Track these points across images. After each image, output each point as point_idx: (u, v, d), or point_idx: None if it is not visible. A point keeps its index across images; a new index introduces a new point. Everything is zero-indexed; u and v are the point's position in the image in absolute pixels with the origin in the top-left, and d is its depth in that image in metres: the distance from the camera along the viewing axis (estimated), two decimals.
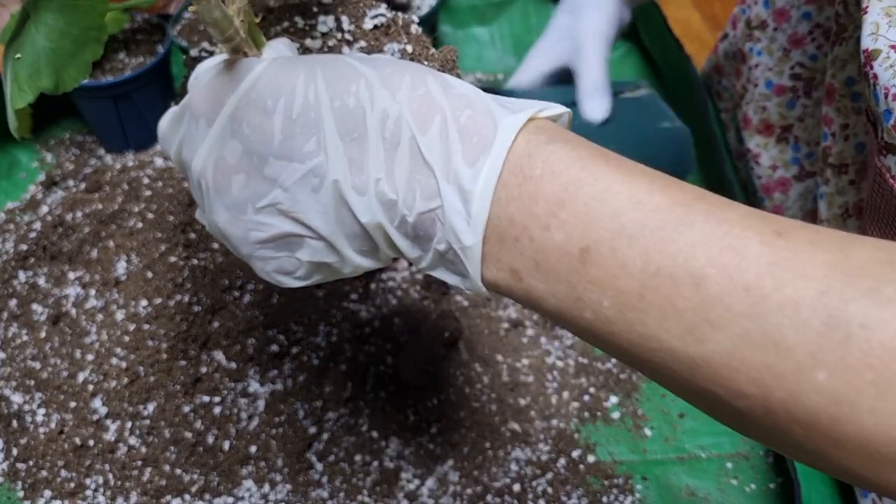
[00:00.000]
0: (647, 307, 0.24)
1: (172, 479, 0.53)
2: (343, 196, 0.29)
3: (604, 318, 0.25)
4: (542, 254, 0.26)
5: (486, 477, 0.54)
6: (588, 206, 0.25)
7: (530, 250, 0.26)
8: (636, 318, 0.24)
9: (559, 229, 0.26)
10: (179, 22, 0.83)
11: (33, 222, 0.66)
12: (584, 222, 0.25)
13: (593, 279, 0.25)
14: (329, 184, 0.29)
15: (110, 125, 0.79)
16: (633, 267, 0.24)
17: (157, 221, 0.60)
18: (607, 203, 0.25)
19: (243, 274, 0.60)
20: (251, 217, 0.31)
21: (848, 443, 0.22)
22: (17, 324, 0.61)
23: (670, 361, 0.24)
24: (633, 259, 0.24)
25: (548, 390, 0.60)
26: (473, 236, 0.27)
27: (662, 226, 0.24)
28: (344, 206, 0.29)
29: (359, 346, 0.60)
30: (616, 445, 0.57)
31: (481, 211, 0.27)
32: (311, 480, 0.54)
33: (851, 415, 0.21)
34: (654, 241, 0.24)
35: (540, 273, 0.26)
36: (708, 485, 0.55)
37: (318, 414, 0.56)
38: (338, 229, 0.30)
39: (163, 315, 0.56)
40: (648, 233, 0.24)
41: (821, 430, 0.22)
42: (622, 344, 0.25)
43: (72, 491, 0.53)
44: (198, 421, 0.54)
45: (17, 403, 0.57)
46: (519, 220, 0.26)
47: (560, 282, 0.26)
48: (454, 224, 0.27)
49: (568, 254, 0.26)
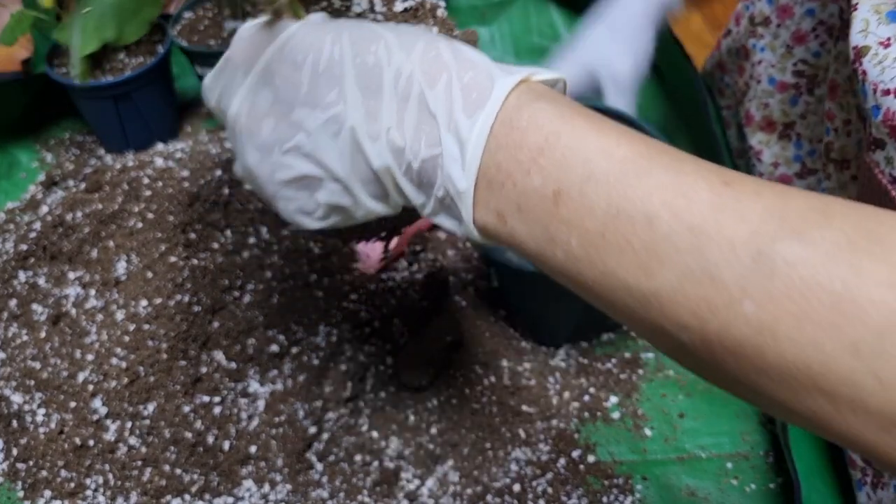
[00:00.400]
0: (607, 245, 0.27)
1: (172, 479, 0.53)
2: (358, 142, 0.32)
3: (572, 257, 0.28)
4: (523, 197, 0.29)
5: (486, 477, 0.54)
6: (563, 155, 0.28)
7: (513, 194, 0.29)
8: (598, 257, 0.27)
9: (538, 174, 0.28)
10: (179, 22, 0.83)
11: (33, 222, 0.66)
12: (558, 168, 0.28)
13: (563, 219, 0.28)
14: (347, 130, 0.32)
15: (110, 125, 0.79)
16: (598, 209, 0.27)
17: (157, 221, 0.60)
18: (580, 152, 0.28)
19: (243, 274, 0.60)
20: (277, 158, 0.35)
21: (771, 371, 0.24)
22: (17, 324, 0.61)
23: (626, 297, 0.27)
24: (597, 202, 0.27)
25: (549, 391, 0.60)
26: (467, 181, 0.30)
27: (626, 173, 0.27)
28: (359, 152, 0.32)
29: (359, 346, 0.61)
30: (616, 445, 0.57)
31: (474, 158, 0.30)
32: (311, 480, 0.54)
33: (773, 344, 0.23)
34: (618, 186, 0.27)
35: (521, 214, 0.29)
36: (708, 485, 0.55)
37: (318, 414, 0.56)
38: (352, 173, 0.33)
39: (163, 315, 0.56)
40: (613, 179, 0.27)
41: (748, 359, 0.24)
42: (588, 282, 0.28)
43: (72, 491, 0.53)
44: (198, 421, 0.54)
45: (18, 403, 0.57)
46: (505, 166, 0.29)
47: (537, 223, 0.29)
48: (451, 170, 0.30)
49: (544, 196, 0.28)
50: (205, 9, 0.83)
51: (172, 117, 0.85)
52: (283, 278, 0.61)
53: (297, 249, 0.64)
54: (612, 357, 0.63)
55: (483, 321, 0.63)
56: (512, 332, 0.64)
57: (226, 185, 0.62)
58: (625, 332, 0.64)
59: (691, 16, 1.03)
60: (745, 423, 0.58)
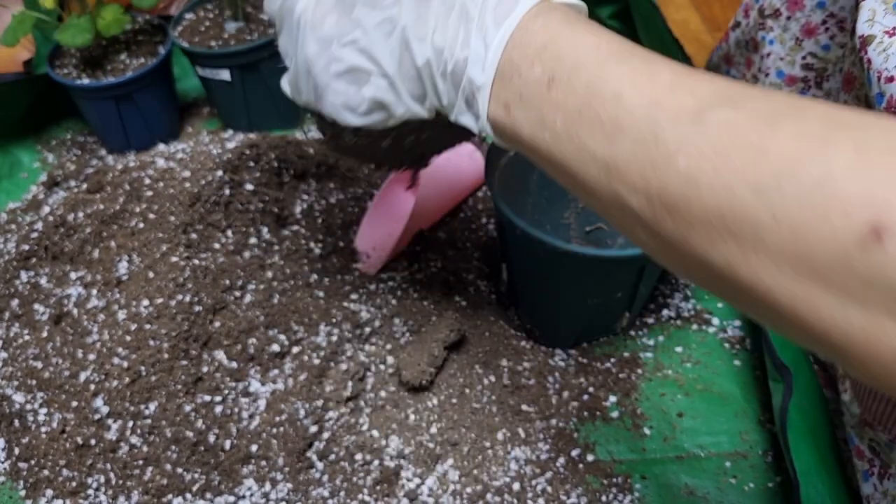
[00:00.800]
0: (582, 120, 0.31)
1: (174, 479, 0.53)
2: (407, 40, 0.38)
3: (556, 136, 0.32)
4: (525, 86, 0.33)
5: (485, 476, 0.55)
6: (561, 49, 0.33)
7: (518, 84, 0.34)
8: (574, 131, 0.31)
9: (539, 66, 0.33)
10: (180, 23, 0.83)
11: (35, 222, 0.66)
12: (555, 60, 0.33)
13: (553, 102, 0.32)
14: (399, 30, 0.38)
15: (112, 125, 0.80)
16: (579, 89, 0.31)
17: (159, 222, 0.61)
18: (575, 48, 0.32)
19: (244, 273, 0.61)
20: (335, 51, 0.40)
21: (696, 221, 0.27)
22: (18, 323, 0.61)
23: (593, 168, 0.31)
24: (579, 84, 0.31)
25: (548, 391, 0.60)
26: (486, 77, 0.35)
27: (608, 62, 0.31)
28: (406, 50, 0.38)
29: (359, 345, 0.61)
30: (615, 444, 0.57)
31: (494, 57, 0.34)
32: (312, 479, 0.54)
33: (697, 193, 0.26)
34: (597, 71, 0.31)
35: (521, 102, 0.34)
36: (707, 484, 0.55)
37: (318, 413, 0.56)
38: (399, 69, 0.38)
39: (164, 315, 0.56)
40: (594, 66, 0.31)
41: (680, 213, 0.27)
42: (566, 159, 0.32)
43: (73, 490, 0.53)
44: (199, 420, 0.55)
45: (19, 403, 0.57)
46: (515, 61, 0.34)
47: (532, 108, 0.33)
48: (475, 68, 0.35)
49: (540, 83, 0.33)
50: (206, 10, 0.84)
51: (173, 118, 0.85)
52: (284, 278, 0.62)
53: (298, 250, 0.64)
54: (611, 357, 0.63)
55: (483, 321, 0.64)
56: (512, 331, 0.64)
57: (227, 186, 0.63)
58: (624, 332, 0.65)
59: (691, 16, 1.03)
60: (743, 423, 0.58)
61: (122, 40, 0.81)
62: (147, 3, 0.76)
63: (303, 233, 0.65)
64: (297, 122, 0.87)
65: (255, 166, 0.65)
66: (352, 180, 0.72)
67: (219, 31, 0.80)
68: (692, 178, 0.27)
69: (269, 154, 0.66)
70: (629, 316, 0.62)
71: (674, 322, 0.65)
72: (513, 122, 0.35)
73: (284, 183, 0.67)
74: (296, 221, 0.66)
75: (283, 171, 0.67)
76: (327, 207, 0.68)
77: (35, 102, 0.83)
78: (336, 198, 0.70)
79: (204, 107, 0.90)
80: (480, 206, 0.75)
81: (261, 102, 0.82)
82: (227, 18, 0.80)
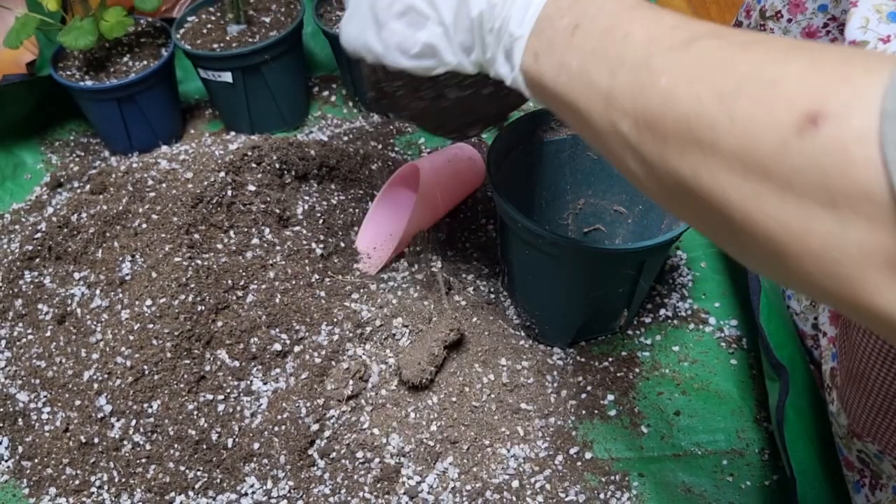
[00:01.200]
0: (594, 59, 0.33)
1: (176, 476, 0.54)
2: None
3: (572, 76, 0.34)
4: (554, 34, 0.36)
5: (485, 473, 0.55)
6: (590, 2, 0.35)
7: (549, 33, 0.36)
8: (586, 68, 0.34)
9: (567, 16, 0.36)
10: (183, 26, 0.84)
11: (39, 223, 0.67)
12: (582, 10, 0.35)
13: (572, 45, 0.35)
14: None
15: (115, 127, 0.80)
16: (595, 33, 0.34)
17: (162, 222, 0.61)
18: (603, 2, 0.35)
19: (246, 274, 0.61)
20: None
21: (670, 134, 0.29)
22: (22, 323, 0.62)
23: (597, 100, 0.33)
24: (597, 29, 0.34)
25: (547, 389, 0.60)
26: (524, 29, 0.38)
27: (625, 9, 0.34)
28: (464, 3, 0.40)
29: (360, 344, 0.61)
30: (613, 442, 0.58)
31: (535, 11, 0.37)
32: (313, 477, 0.55)
33: (672, 106, 0.28)
34: (613, 16, 0.34)
35: (549, 48, 0.36)
36: (704, 481, 0.56)
37: (319, 411, 0.57)
38: (455, 19, 0.41)
39: (167, 314, 0.57)
40: (612, 14, 0.34)
41: (658, 130, 0.29)
42: (579, 98, 0.34)
43: (76, 488, 0.54)
44: (201, 419, 0.55)
45: (23, 402, 0.58)
46: (551, 14, 0.37)
47: (555, 53, 0.36)
48: (517, 22, 0.38)
49: (566, 31, 0.35)
50: (208, 13, 0.84)
51: (176, 119, 0.86)
52: (286, 278, 0.62)
53: (300, 250, 0.64)
54: (609, 356, 0.63)
55: (483, 321, 0.64)
56: (511, 331, 0.64)
57: (229, 187, 0.63)
58: (622, 331, 0.65)
59: None
60: (740, 421, 0.59)
61: (125, 43, 0.81)
62: (150, 5, 0.77)
63: (304, 233, 0.66)
64: (299, 123, 0.87)
65: (257, 167, 0.66)
66: (353, 182, 0.73)
67: (221, 33, 0.81)
68: (670, 94, 0.29)
69: (271, 155, 0.67)
70: (627, 315, 0.62)
71: (671, 322, 0.66)
72: (539, 70, 0.37)
73: (286, 184, 0.68)
74: (297, 222, 0.66)
75: (285, 173, 0.68)
76: (329, 208, 0.69)
77: (38, 104, 0.84)
78: (337, 199, 0.70)
79: (206, 109, 0.91)
80: (480, 206, 0.75)
81: (263, 104, 0.83)
82: (230, 21, 0.81)
